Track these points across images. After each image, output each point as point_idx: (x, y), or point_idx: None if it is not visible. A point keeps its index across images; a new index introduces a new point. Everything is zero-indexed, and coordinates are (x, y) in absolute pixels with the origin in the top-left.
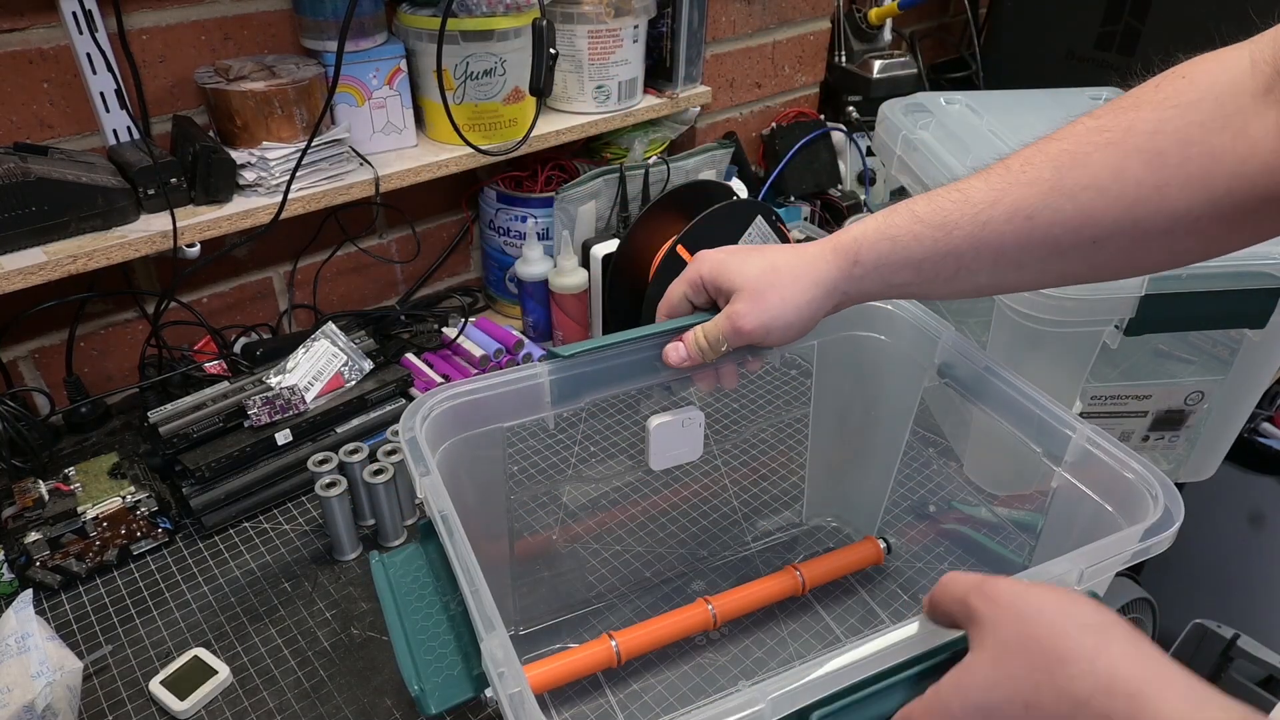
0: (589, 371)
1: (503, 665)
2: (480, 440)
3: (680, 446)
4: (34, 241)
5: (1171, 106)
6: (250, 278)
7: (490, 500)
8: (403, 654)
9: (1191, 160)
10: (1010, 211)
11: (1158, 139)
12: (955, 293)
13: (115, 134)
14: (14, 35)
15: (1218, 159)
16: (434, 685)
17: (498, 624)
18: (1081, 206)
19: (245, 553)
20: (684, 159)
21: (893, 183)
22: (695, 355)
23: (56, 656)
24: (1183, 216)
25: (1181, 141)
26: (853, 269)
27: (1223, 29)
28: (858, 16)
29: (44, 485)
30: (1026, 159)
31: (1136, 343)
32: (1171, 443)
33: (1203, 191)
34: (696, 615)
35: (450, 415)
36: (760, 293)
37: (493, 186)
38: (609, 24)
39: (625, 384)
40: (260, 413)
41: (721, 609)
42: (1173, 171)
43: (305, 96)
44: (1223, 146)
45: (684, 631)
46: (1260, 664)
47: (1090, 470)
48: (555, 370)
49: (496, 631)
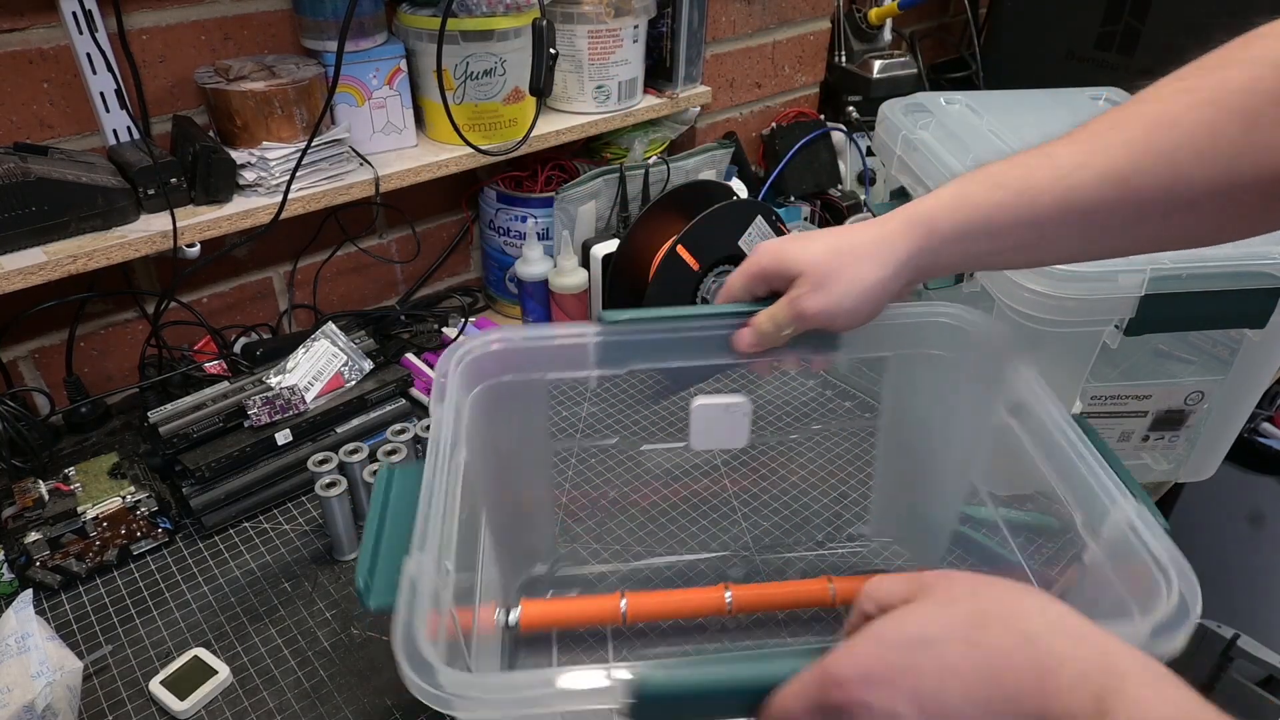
0: (635, 341)
1: (416, 580)
2: (520, 388)
3: (724, 431)
4: (34, 241)
5: (1265, 64)
6: (250, 278)
7: (530, 447)
8: (366, 550)
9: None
10: (1100, 174)
11: (1252, 98)
12: (1034, 261)
13: (115, 134)
14: (14, 35)
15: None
16: (380, 585)
17: (431, 547)
18: (1175, 167)
19: (245, 553)
20: (684, 159)
21: (893, 183)
22: (758, 341)
23: (56, 656)
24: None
25: (1276, 100)
26: (928, 241)
27: (1222, 29)
28: (858, 16)
29: (44, 485)
30: (1114, 120)
31: (1136, 343)
32: (1171, 443)
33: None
34: (712, 598)
35: (493, 360)
36: (825, 275)
37: (493, 186)
38: (609, 24)
39: (669, 359)
40: (260, 413)
41: (739, 599)
42: (1268, 131)
43: (305, 96)
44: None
45: (695, 610)
46: (1260, 664)
47: (1118, 548)
48: (603, 333)
49: (426, 552)
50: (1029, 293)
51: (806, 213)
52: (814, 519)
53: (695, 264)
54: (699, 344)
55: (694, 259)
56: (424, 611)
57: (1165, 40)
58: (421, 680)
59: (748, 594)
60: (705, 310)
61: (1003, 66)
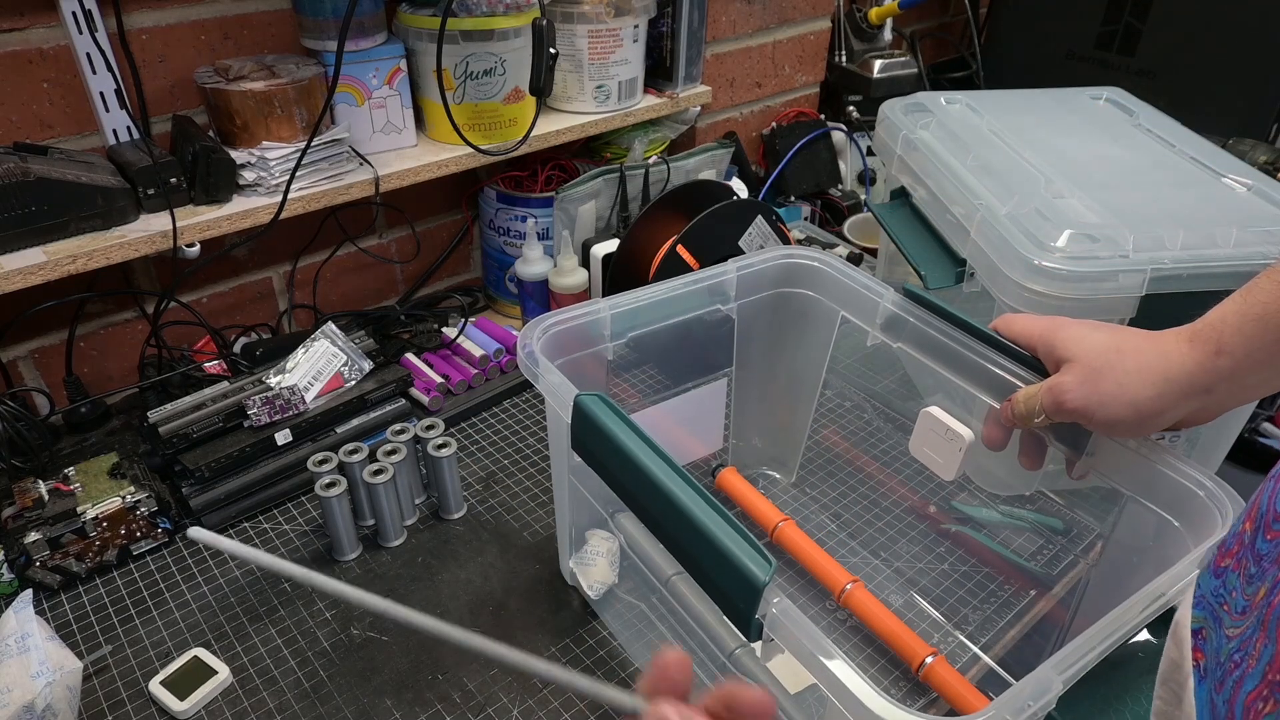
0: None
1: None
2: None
3: (938, 455)
4: (34, 241)
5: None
6: (250, 278)
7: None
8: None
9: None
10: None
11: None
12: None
13: (115, 134)
14: (14, 35)
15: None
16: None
17: None
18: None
19: None
20: (684, 159)
21: (893, 182)
22: (1012, 418)
23: (56, 656)
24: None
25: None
26: (1215, 360)
27: (1222, 30)
28: (858, 16)
29: (44, 485)
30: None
31: None
32: (1171, 443)
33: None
34: (834, 576)
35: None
36: (1096, 370)
37: (493, 186)
38: (609, 24)
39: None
40: (260, 413)
41: (850, 599)
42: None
43: (305, 96)
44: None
45: (817, 572)
46: None
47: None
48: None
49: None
50: (1029, 293)
51: (806, 213)
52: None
53: (695, 264)
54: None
55: (694, 259)
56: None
57: (1165, 40)
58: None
59: (860, 602)
60: (978, 326)
61: (1003, 66)
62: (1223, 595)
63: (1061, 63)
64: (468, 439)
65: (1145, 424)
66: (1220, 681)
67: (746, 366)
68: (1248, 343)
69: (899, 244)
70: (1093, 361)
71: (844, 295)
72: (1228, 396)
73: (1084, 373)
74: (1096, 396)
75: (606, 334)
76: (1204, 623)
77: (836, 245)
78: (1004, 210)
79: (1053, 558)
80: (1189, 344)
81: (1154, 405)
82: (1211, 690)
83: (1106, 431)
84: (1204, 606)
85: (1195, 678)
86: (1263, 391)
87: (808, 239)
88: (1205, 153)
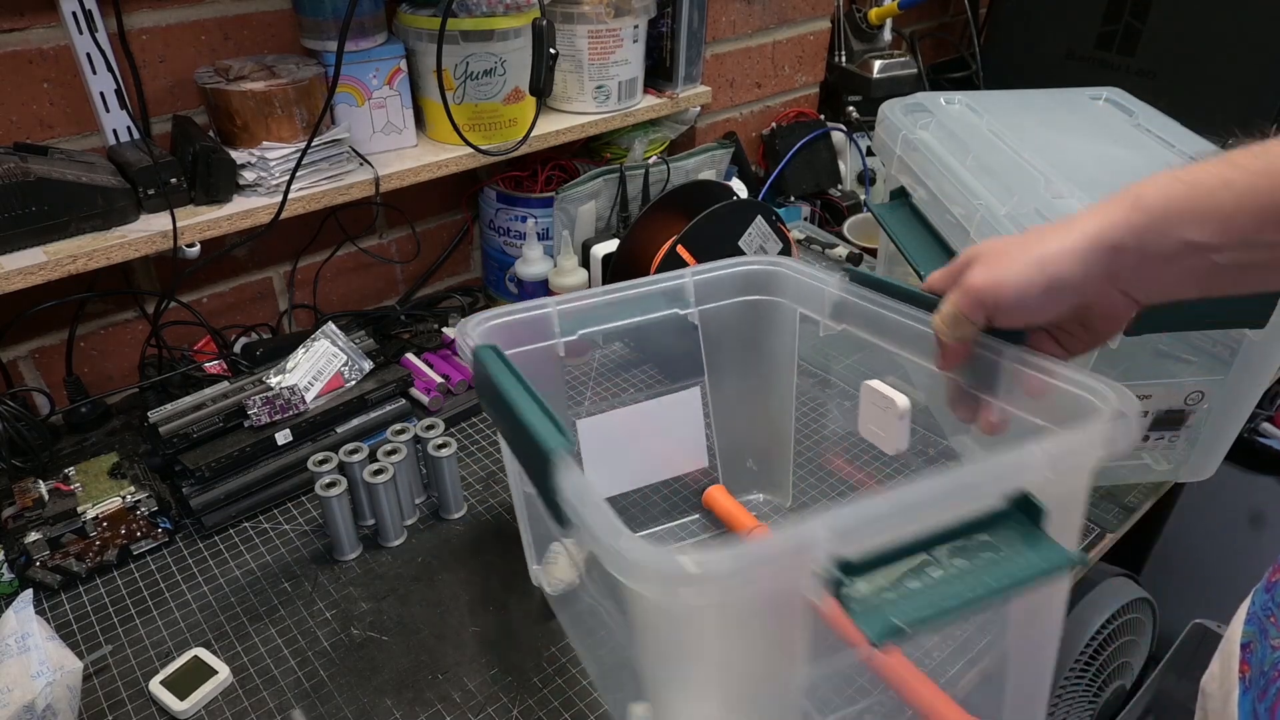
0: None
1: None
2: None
3: (882, 429)
4: (34, 241)
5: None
6: (250, 278)
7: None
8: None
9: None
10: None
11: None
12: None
13: (115, 134)
14: (14, 35)
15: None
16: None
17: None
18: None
19: (245, 553)
20: (684, 159)
21: (892, 182)
22: (941, 347)
23: (56, 656)
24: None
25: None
26: (1130, 215)
27: (1222, 30)
28: (858, 16)
29: (44, 485)
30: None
31: (1136, 343)
32: (1171, 443)
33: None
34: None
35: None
36: (1001, 251)
37: (493, 186)
38: (609, 24)
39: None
40: (260, 413)
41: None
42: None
43: (305, 96)
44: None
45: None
46: None
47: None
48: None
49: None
50: None
51: (806, 213)
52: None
53: (695, 264)
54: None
55: (694, 259)
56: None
57: (1165, 40)
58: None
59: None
60: (917, 292)
61: (1003, 66)
62: (1271, 609)
63: (1061, 63)
64: (468, 439)
65: (1054, 285)
66: (1263, 691)
67: (721, 378)
68: (1167, 202)
69: (899, 244)
70: (996, 247)
71: (799, 292)
72: (1139, 254)
73: (988, 258)
74: (1001, 267)
75: (556, 330)
76: (1252, 637)
77: (836, 245)
78: (1003, 210)
79: None
80: (1107, 203)
81: (1061, 259)
82: (1254, 700)
83: (1015, 301)
84: (1254, 621)
85: (1240, 688)
86: (1173, 255)
87: (807, 239)
88: (1205, 153)
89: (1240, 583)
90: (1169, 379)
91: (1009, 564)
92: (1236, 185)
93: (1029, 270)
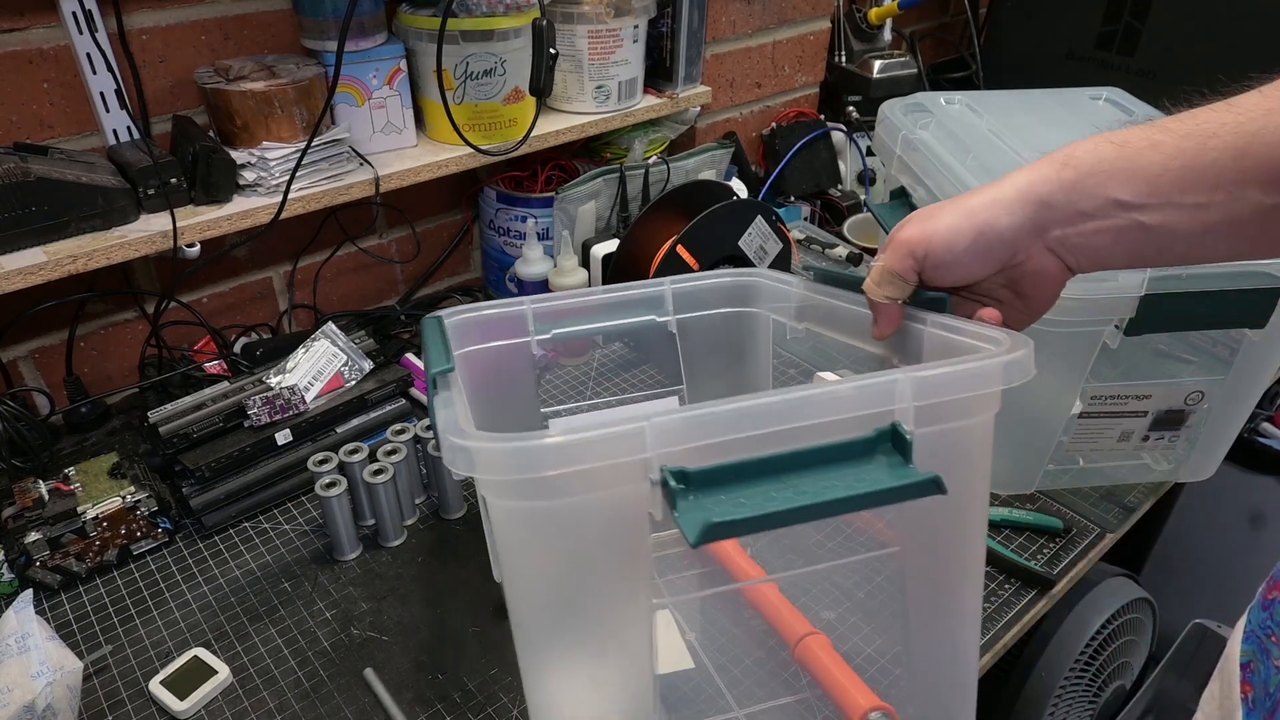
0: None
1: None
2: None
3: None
4: (34, 241)
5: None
6: (250, 278)
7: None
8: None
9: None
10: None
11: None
12: (1203, 227)
13: (115, 134)
14: (14, 35)
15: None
16: None
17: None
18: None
19: (245, 553)
20: (684, 159)
21: (892, 183)
22: (874, 309)
23: (56, 656)
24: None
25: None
26: (1060, 171)
27: (1222, 30)
28: (858, 16)
29: (44, 485)
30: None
31: (1136, 343)
32: (1171, 443)
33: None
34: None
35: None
36: (932, 209)
37: (493, 186)
38: (609, 24)
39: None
40: (260, 413)
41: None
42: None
43: (305, 96)
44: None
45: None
46: None
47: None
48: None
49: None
50: None
51: (806, 213)
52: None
53: (695, 264)
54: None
55: (694, 259)
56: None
57: (1165, 40)
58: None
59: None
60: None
61: (1003, 66)
62: (1270, 628)
63: (1061, 63)
64: None
65: (983, 233)
66: (1270, 712)
67: (700, 384)
68: (1097, 161)
69: None
70: (928, 208)
71: (772, 297)
72: (1068, 211)
73: (918, 215)
74: (930, 220)
75: (530, 329)
76: (1252, 656)
77: (836, 245)
78: None
79: (1052, 557)
80: (1037, 162)
81: (990, 208)
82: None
83: (944, 255)
84: (1253, 640)
85: (1244, 710)
86: (1100, 214)
87: (807, 239)
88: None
89: (1240, 583)
90: (1169, 379)
91: (855, 482)
92: (1164, 147)
93: (957, 219)
